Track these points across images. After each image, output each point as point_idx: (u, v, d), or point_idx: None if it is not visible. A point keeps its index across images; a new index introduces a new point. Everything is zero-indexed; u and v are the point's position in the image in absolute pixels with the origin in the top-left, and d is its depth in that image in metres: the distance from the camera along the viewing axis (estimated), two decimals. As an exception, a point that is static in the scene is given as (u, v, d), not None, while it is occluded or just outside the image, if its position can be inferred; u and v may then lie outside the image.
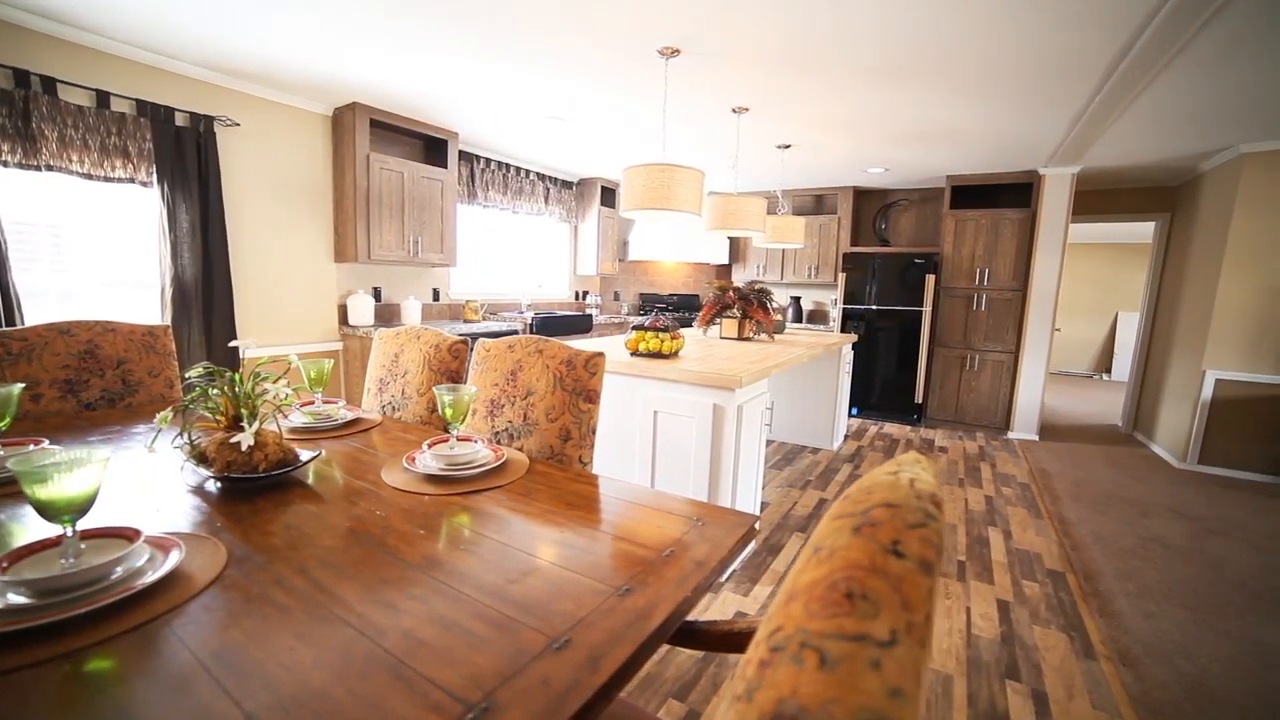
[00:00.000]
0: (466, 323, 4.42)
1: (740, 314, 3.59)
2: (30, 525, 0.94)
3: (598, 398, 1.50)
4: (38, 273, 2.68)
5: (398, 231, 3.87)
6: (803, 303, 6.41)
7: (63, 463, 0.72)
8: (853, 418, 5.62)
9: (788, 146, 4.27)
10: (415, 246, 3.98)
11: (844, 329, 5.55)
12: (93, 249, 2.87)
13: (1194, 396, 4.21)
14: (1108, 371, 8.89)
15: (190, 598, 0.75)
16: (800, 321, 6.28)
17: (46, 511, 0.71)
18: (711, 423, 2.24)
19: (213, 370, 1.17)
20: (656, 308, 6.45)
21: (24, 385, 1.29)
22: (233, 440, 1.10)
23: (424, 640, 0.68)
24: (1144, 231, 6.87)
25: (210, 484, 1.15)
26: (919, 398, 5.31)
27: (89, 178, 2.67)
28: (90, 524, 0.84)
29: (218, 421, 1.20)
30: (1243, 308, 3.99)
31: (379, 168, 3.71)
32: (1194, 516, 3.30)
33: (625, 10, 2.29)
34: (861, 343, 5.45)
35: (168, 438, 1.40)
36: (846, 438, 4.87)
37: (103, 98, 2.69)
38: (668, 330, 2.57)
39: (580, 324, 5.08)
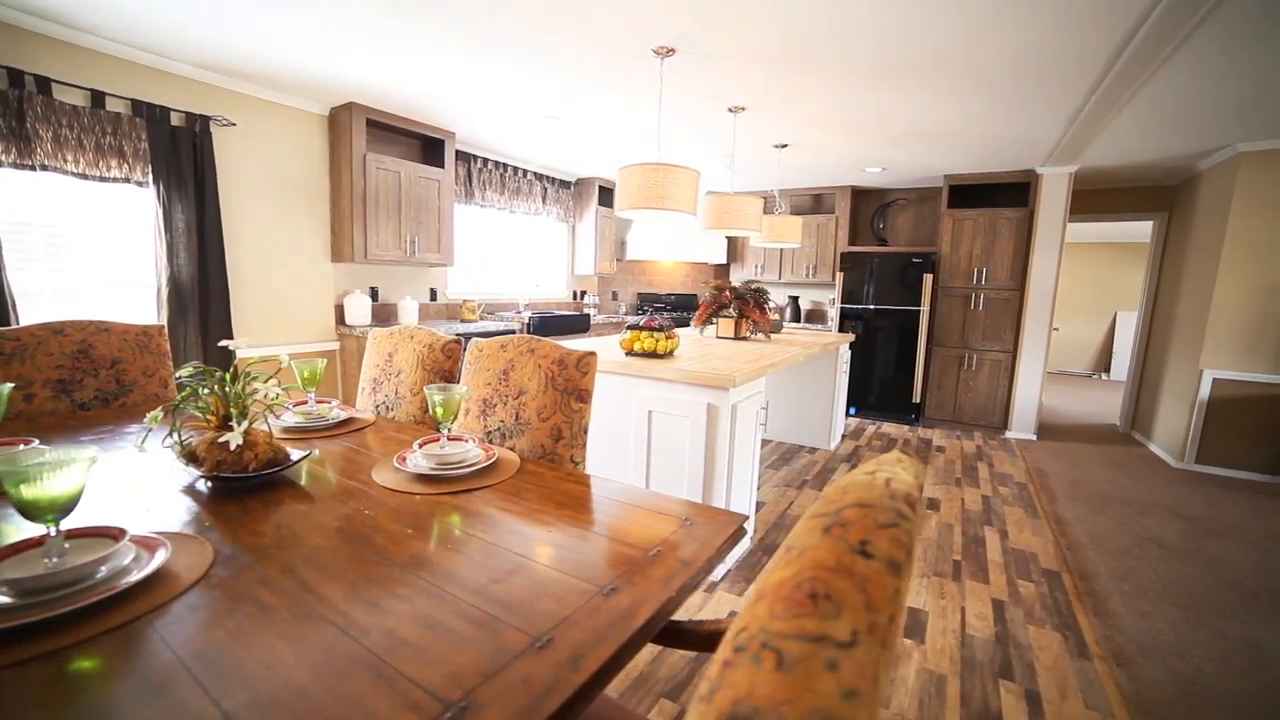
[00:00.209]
0: (464, 322, 4.42)
1: (737, 313, 3.59)
2: (16, 525, 0.94)
3: (589, 397, 1.50)
4: (33, 272, 2.68)
5: (394, 231, 3.87)
6: (801, 302, 6.41)
7: (45, 463, 0.72)
8: (851, 417, 5.62)
9: (785, 146, 4.26)
10: (412, 246, 3.98)
11: (842, 329, 5.55)
12: (88, 249, 2.86)
13: (1191, 396, 4.21)
14: (1106, 371, 8.89)
15: (174, 597, 0.75)
16: (798, 321, 6.28)
17: (29, 511, 0.71)
18: (705, 422, 2.24)
19: (202, 370, 1.17)
20: (654, 307, 6.45)
21: (14, 385, 1.29)
22: (221, 440, 1.10)
23: (406, 639, 0.68)
24: (1143, 231, 6.86)
25: (201, 484, 1.15)
26: (917, 397, 5.31)
27: (84, 178, 2.67)
28: (76, 523, 0.84)
29: (208, 421, 1.20)
30: (1240, 307, 3.99)
31: (376, 167, 3.71)
32: (1191, 516, 3.30)
33: (620, 10, 2.29)
34: (859, 342, 5.45)
35: (158, 437, 1.40)
36: (844, 437, 4.87)
37: (98, 97, 2.69)
38: (662, 330, 2.57)
39: (578, 324, 5.08)
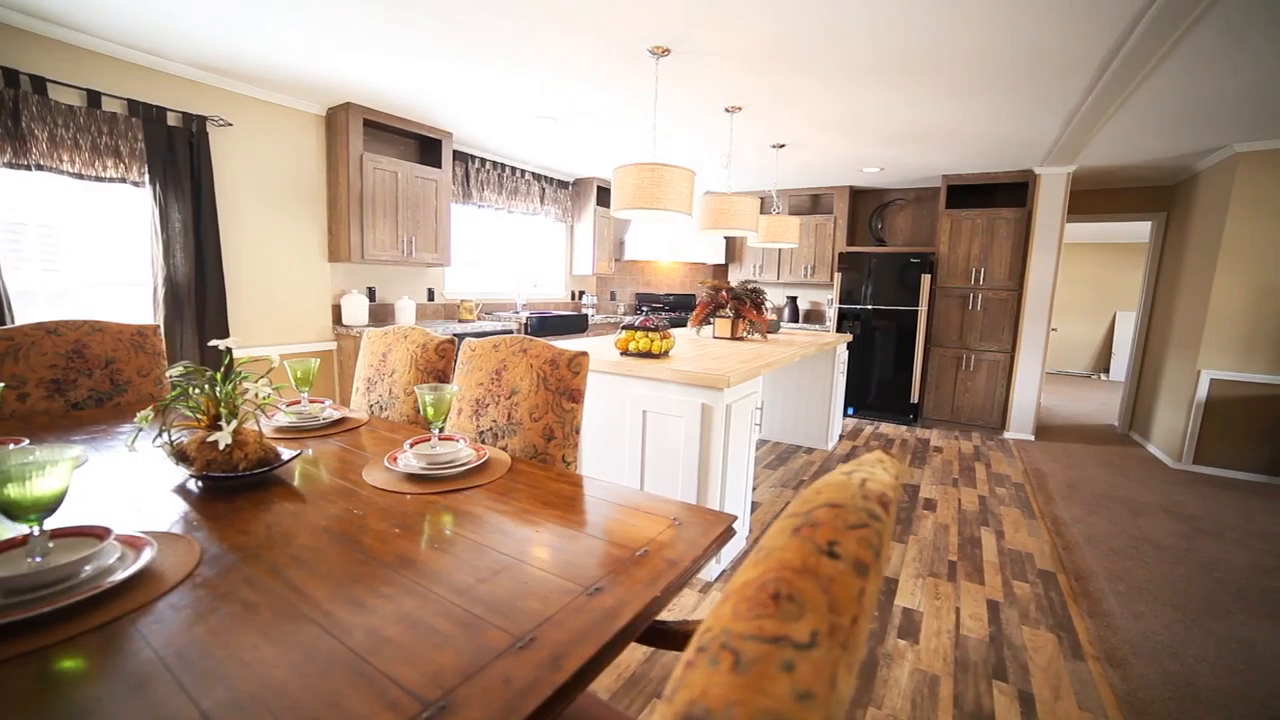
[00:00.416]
0: (461, 322, 4.42)
1: (733, 314, 3.59)
2: (1, 524, 0.94)
3: (581, 397, 1.50)
4: (29, 272, 2.68)
5: (392, 231, 3.87)
6: (799, 302, 6.41)
7: (27, 463, 0.72)
8: (849, 417, 5.62)
9: (782, 146, 4.26)
10: (409, 246, 3.98)
11: (840, 329, 5.55)
12: (85, 249, 2.87)
13: (1189, 396, 4.21)
14: (1106, 371, 8.89)
15: (158, 596, 0.75)
16: (797, 321, 6.28)
17: (11, 511, 0.71)
18: (700, 423, 2.24)
19: (192, 369, 1.17)
20: (653, 308, 6.45)
21: (7, 385, 1.29)
22: (210, 439, 1.11)
23: (388, 638, 0.68)
24: (1142, 231, 6.86)
25: (192, 483, 1.16)
26: (915, 397, 5.31)
27: (80, 177, 2.67)
28: (62, 523, 0.84)
29: (199, 420, 1.20)
30: (1237, 307, 3.99)
31: (373, 168, 3.71)
32: (1187, 516, 3.30)
33: (615, 10, 2.29)
34: (858, 342, 5.45)
35: (149, 437, 1.40)
36: (841, 437, 4.87)
37: (94, 97, 2.69)
38: (658, 330, 2.57)
39: (576, 324, 5.08)
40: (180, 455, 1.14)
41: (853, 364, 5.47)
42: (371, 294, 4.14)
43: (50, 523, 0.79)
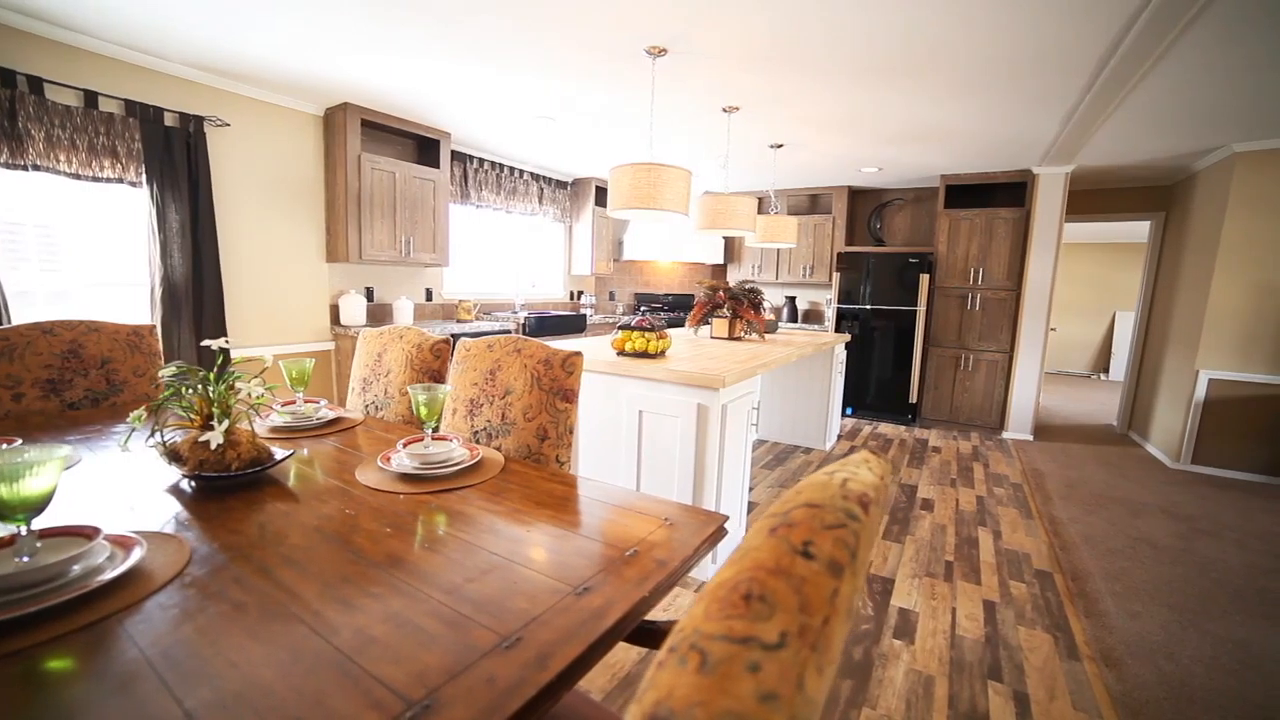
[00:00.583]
0: (459, 322, 4.42)
1: (731, 314, 3.59)
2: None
3: (575, 397, 1.51)
4: (27, 272, 2.68)
5: (390, 232, 3.87)
6: (798, 302, 6.41)
7: (15, 463, 0.72)
8: (847, 417, 5.62)
9: (780, 146, 4.26)
10: (407, 247, 3.99)
11: (839, 329, 5.55)
12: (82, 249, 2.87)
13: (1187, 396, 4.21)
14: (1105, 371, 8.89)
15: (147, 596, 0.75)
16: (795, 321, 6.28)
17: (-1, 511, 0.72)
18: (696, 423, 2.24)
19: (185, 369, 1.17)
20: (651, 308, 6.45)
21: (2, 384, 1.29)
22: (202, 439, 1.11)
23: (375, 638, 0.68)
24: (1141, 231, 6.86)
25: (185, 483, 1.16)
26: (913, 397, 5.30)
27: (77, 177, 2.68)
28: (51, 523, 0.84)
29: (192, 420, 1.20)
30: (1235, 307, 3.99)
31: (371, 168, 3.71)
32: (1184, 517, 3.30)
33: (611, 10, 2.29)
34: (856, 342, 5.45)
35: (142, 437, 1.40)
36: (839, 438, 4.87)
37: (90, 98, 2.69)
38: (654, 329, 2.57)
39: (574, 324, 5.08)
40: (173, 455, 1.14)
41: (851, 364, 5.48)
42: (369, 294, 4.14)
43: (39, 522, 0.79)
